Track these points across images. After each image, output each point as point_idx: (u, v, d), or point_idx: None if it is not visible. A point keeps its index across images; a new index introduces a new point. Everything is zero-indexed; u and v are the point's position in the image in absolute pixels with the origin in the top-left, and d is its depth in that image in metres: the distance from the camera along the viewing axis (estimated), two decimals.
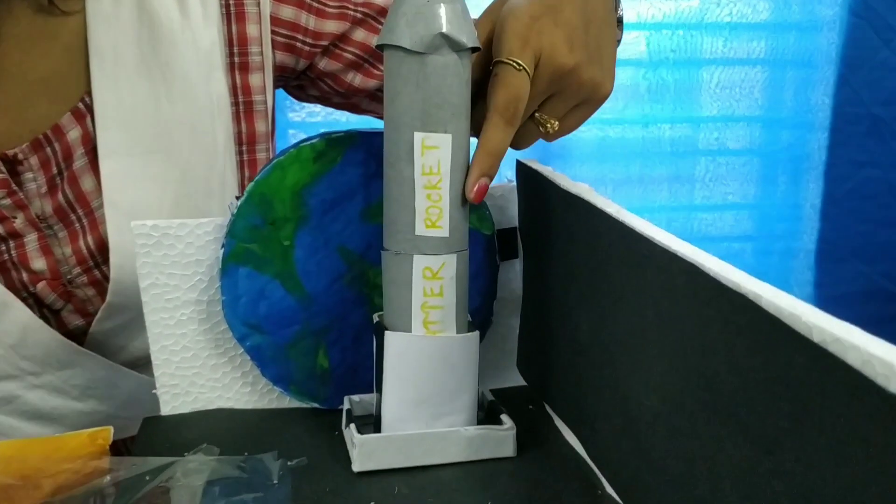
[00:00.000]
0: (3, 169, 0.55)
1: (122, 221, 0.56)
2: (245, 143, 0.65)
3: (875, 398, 0.24)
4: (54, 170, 0.57)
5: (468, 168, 0.44)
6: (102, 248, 0.58)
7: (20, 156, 0.56)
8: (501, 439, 0.48)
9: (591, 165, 1.42)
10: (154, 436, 0.52)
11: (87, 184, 0.58)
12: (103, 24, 0.58)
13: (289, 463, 0.48)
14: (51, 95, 0.57)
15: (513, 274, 0.57)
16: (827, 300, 1.49)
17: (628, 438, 0.41)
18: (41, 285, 0.57)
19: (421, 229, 0.44)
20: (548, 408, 0.54)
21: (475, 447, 0.47)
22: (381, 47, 0.44)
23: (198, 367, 0.54)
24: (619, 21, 0.51)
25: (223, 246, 0.50)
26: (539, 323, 0.54)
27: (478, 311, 0.55)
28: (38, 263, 0.57)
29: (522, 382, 0.58)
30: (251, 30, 0.63)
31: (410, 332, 0.45)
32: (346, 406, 0.51)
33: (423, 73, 0.42)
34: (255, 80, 0.63)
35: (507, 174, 0.55)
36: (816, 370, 0.27)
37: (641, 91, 1.40)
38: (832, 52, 1.40)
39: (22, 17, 0.57)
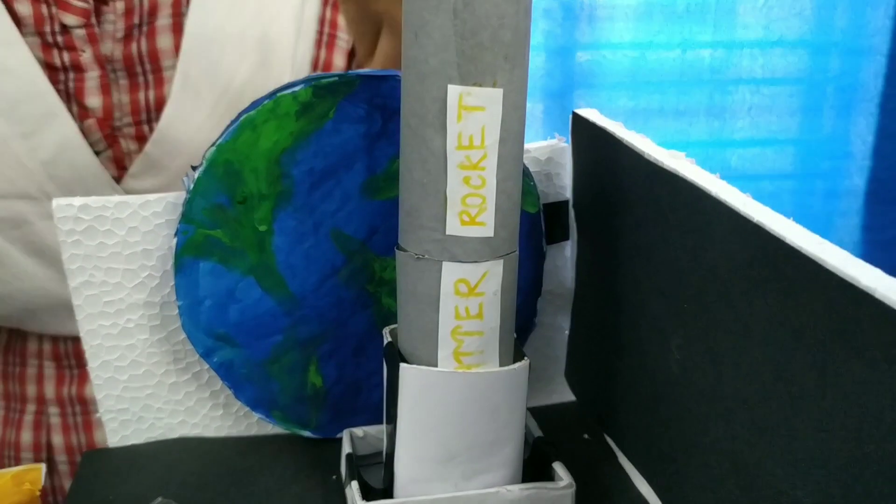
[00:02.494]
0: (90, 1, 0.54)
1: (194, 81, 0.55)
2: (319, 70, 0.61)
3: None
4: (136, 20, 0.56)
5: (523, 139, 0.31)
6: (159, 107, 0.55)
7: None
8: (557, 501, 0.35)
9: (622, 94, 1.27)
10: (98, 477, 0.40)
11: (163, 42, 0.56)
12: None
13: None
14: None
15: (562, 260, 0.44)
16: (875, 245, 1.36)
17: None
18: (90, 122, 0.55)
19: (455, 226, 0.30)
20: (608, 439, 0.41)
21: None
22: None
23: (152, 386, 0.41)
24: None
25: (177, 233, 0.37)
26: (598, 326, 0.41)
27: (518, 311, 0.42)
28: (94, 101, 0.55)
29: (571, 397, 0.46)
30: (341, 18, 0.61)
31: (436, 365, 0.32)
32: (345, 448, 0.38)
33: None
34: (337, 59, 0.60)
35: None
36: None
37: (679, 11, 1.24)
38: None
39: None
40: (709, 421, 0.31)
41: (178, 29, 0.55)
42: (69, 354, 0.58)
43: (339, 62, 0.60)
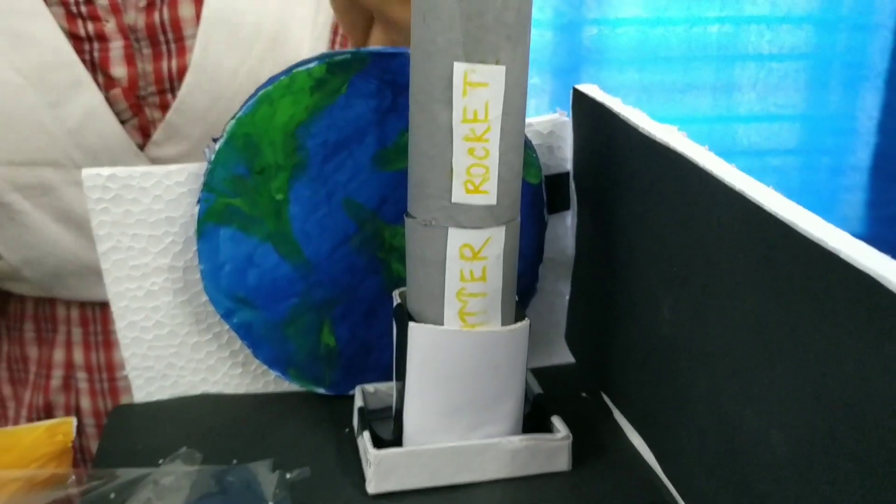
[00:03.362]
0: None
1: (215, 48, 0.57)
2: (340, 36, 0.64)
3: None
4: None
5: (525, 112, 0.33)
6: (183, 73, 0.57)
7: None
8: (553, 451, 0.38)
9: (629, 70, 1.28)
10: (124, 431, 0.43)
11: (185, 10, 0.57)
12: None
13: (287, 475, 0.39)
14: None
15: (563, 229, 0.47)
16: (880, 220, 1.38)
17: (728, 470, 0.31)
18: (115, 91, 0.56)
19: (460, 195, 0.33)
20: (605, 397, 0.44)
21: (521, 462, 0.38)
22: None
23: (176, 345, 0.44)
24: None
25: (199, 201, 0.40)
26: (596, 292, 0.44)
27: (520, 277, 0.44)
28: (119, 70, 0.56)
29: (571, 359, 0.48)
30: None
31: (442, 324, 0.35)
32: (357, 402, 0.41)
33: None
34: None
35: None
36: None
37: None
38: None
39: None
40: (695, 376, 0.33)
41: None
42: (96, 320, 0.61)
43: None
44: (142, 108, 0.57)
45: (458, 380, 0.36)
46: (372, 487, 0.37)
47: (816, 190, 1.40)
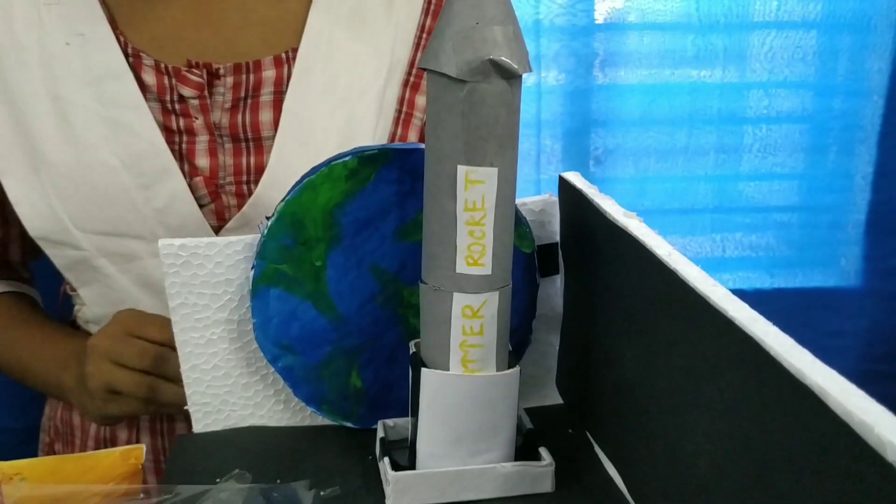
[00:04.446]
0: (203, 76, 0.64)
1: (288, 153, 0.65)
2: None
3: None
4: (242, 94, 0.65)
5: (514, 202, 0.42)
6: (259, 170, 0.65)
7: (221, 71, 0.65)
8: (539, 476, 0.46)
9: (635, 133, 1.37)
10: (186, 456, 0.51)
11: (264, 116, 0.65)
12: (324, 6, 0.67)
13: (321, 493, 0.47)
14: (262, 38, 0.67)
15: (553, 290, 0.55)
16: (876, 273, 1.44)
17: (673, 490, 0.39)
18: (198, 179, 0.64)
19: (462, 267, 0.42)
20: (588, 434, 0.52)
21: (512, 483, 0.46)
22: (423, 69, 0.41)
23: (229, 385, 0.53)
24: None
25: (253, 267, 0.49)
26: (580, 343, 0.52)
27: (516, 330, 0.53)
28: (202, 161, 0.64)
29: (561, 401, 0.56)
30: None
31: (448, 369, 0.44)
32: (379, 434, 0.50)
33: (469, 102, 0.39)
34: (420, 100, 0.71)
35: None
36: (888, 491, 0.24)
37: (689, 57, 1.34)
38: (891, 16, 1.32)
39: None
40: (648, 414, 0.42)
41: (277, 105, 0.65)
42: None
43: (412, 138, 0.71)
44: (219, 195, 0.65)
45: (461, 415, 0.44)
46: (391, 503, 0.45)
47: (816, 244, 1.47)
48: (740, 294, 0.34)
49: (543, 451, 0.47)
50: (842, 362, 0.30)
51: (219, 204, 0.65)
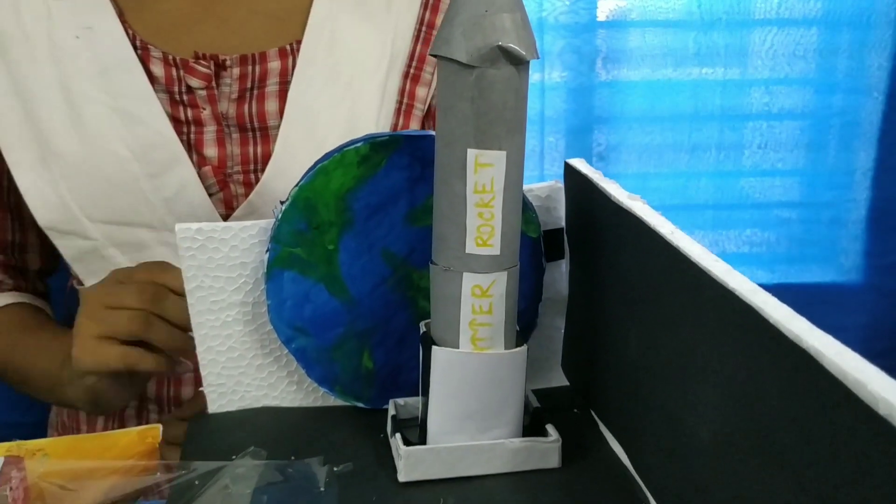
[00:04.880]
0: (211, 67, 0.66)
1: (294, 142, 0.67)
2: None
3: None
4: (248, 84, 0.67)
5: (521, 185, 0.43)
6: (265, 158, 0.67)
7: (227, 62, 0.66)
8: (546, 451, 0.48)
9: (638, 130, 1.39)
10: (202, 435, 0.53)
11: (270, 106, 0.67)
12: (327, 0, 0.69)
13: (335, 469, 0.48)
14: (268, 30, 0.69)
15: (558, 274, 0.57)
16: (878, 269, 1.46)
17: (676, 461, 0.41)
18: (206, 168, 0.66)
19: (471, 247, 0.43)
20: (593, 413, 0.53)
21: (520, 459, 0.47)
22: (434, 55, 0.42)
23: (244, 366, 0.54)
24: None
25: (268, 251, 0.50)
26: (585, 326, 0.54)
27: (523, 314, 0.54)
28: (210, 151, 0.66)
29: (566, 382, 0.58)
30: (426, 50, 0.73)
31: (458, 347, 0.45)
32: (391, 411, 0.51)
33: (479, 87, 0.41)
34: (420, 91, 0.72)
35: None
36: (881, 443, 0.26)
37: (690, 54, 1.36)
38: (891, 13, 1.34)
39: None
40: (652, 389, 0.43)
41: (283, 95, 0.67)
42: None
43: (413, 127, 0.73)
44: (227, 184, 0.67)
45: (470, 392, 0.46)
46: (402, 476, 0.46)
47: (817, 240, 1.49)
48: None
49: (550, 428, 0.48)
50: None
51: (227, 193, 0.67)
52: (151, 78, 0.66)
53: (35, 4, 0.65)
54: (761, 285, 0.34)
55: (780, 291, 0.34)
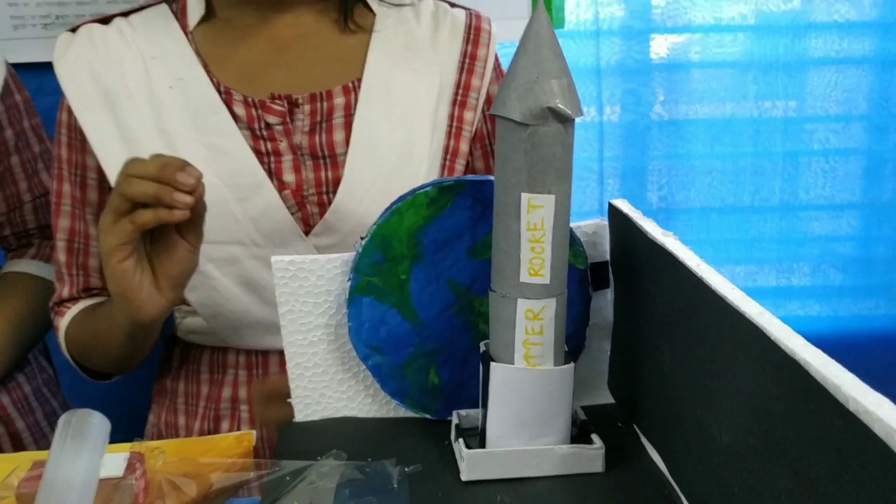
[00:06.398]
0: (285, 106, 0.76)
1: (359, 166, 0.76)
2: (449, 155, 0.82)
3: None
4: (318, 119, 0.77)
5: (568, 222, 0.50)
6: (336, 181, 0.76)
7: (299, 101, 0.77)
8: (592, 457, 0.54)
9: (699, 170, 1.44)
10: (291, 440, 0.61)
11: (337, 136, 0.77)
12: (381, 42, 0.80)
13: (406, 469, 0.55)
14: (332, 71, 0.79)
15: (604, 302, 0.63)
16: None
17: (704, 465, 0.47)
18: (286, 192, 0.75)
19: (525, 277, 0.50)
20: (636, 427, 0.59)
21: (567, 463, 0.54)
22: (493, 115, 0.50)
23: (327, 380, 0.62)
24: None
25: (350, 280, 0.58)
26: (628, 348, 0.60)
27: (572, 337, 0.61)
28: (289, 177, 0.76)
29: (612, 400, 0.64)
30: (474, 81, 0.83)
31: (513, 364, 0.52)
32: (454, 420, 0.58)
33: (531, 141, 0.48)
34: (467, 115, 0.82)
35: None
36: (850, 434, 0.32)
37: (750, 96, 1.41)
38: None
39: (324, 26, 0.81)
40: (683, 402, 0.49)
41: (348, 126, 0.77)
42: (258, 365, 0.80)
43: (463, 148, 0.82)
44: (305, 204, 0.77)
45: (524, 403, 0.52)
46: (464, 476, 0.53)
47: (878, 274, 1.50)
48: (805, 328, 0.40)
49: (595, 437, 0.55)
50: None
51: (304, 212, 0.77)
52: (235, 117, 0.76)
53: (135, 64, 0.77)
54: (824, 317, 0.39)
55: (843, 326, 0.37)
